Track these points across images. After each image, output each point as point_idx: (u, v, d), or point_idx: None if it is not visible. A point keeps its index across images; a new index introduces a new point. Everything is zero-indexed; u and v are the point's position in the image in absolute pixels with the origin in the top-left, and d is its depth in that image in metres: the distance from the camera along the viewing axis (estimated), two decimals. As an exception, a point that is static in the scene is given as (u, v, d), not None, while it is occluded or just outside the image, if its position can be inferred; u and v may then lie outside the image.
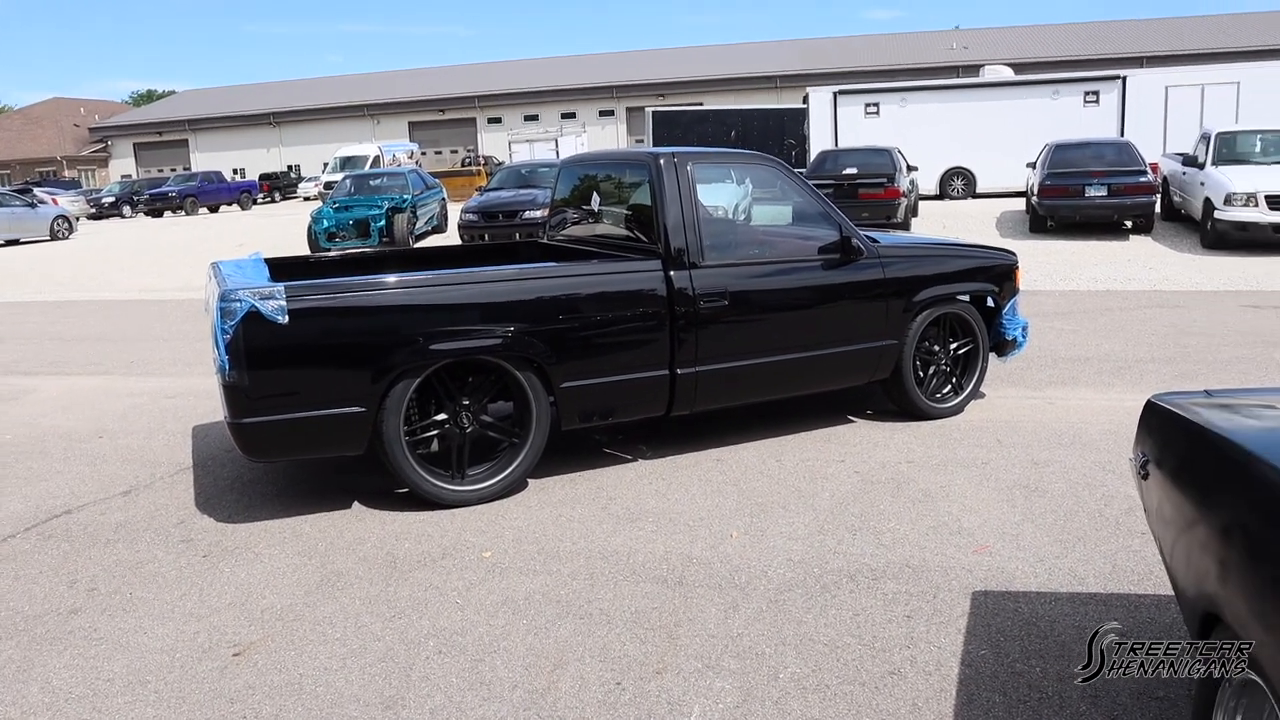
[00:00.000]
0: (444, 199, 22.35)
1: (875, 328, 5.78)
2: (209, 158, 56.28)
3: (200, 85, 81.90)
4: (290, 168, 52.21)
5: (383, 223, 17.85)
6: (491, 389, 4.95)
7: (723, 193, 6.41)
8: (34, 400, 7.88)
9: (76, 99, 69.61)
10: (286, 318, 4.36)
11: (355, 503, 4.97)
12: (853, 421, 6.09)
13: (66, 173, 59.70)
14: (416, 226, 19.24)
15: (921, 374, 6.07)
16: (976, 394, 6.33)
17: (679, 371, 5.17)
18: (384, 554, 4.30)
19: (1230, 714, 2.17)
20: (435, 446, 4.95)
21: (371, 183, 20.29)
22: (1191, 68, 26.16)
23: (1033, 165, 17.29)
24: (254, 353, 4.38)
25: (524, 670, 3.26)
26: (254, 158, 56.05)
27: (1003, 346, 6.42)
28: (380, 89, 58.25)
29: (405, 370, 4.61)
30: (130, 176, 53.20)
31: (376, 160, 36.77)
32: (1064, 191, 15.26)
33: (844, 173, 16.63)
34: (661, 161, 5.33)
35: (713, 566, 4.01)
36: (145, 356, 9.59)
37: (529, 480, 5.11)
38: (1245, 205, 13.06)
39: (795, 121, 29.17)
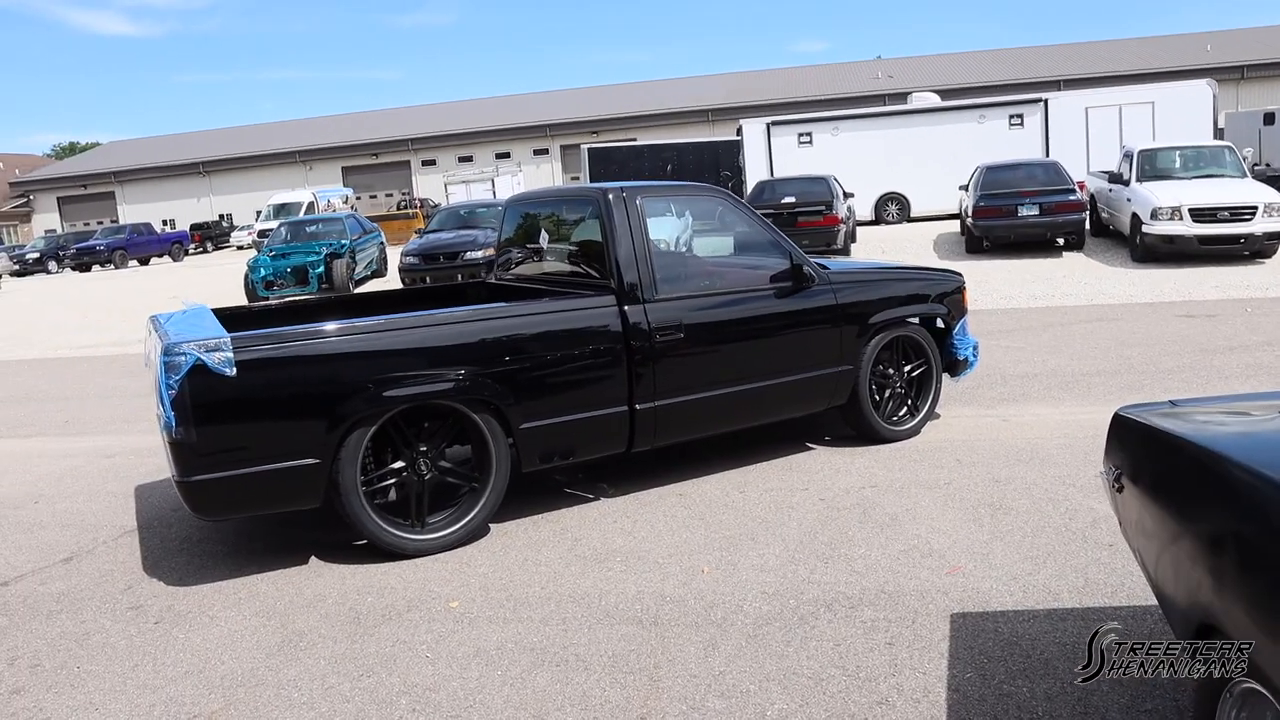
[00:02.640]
0: (383, 243, 22.12)
1: (830, 354, 5.79)
2: (137, 209, 55.11)
3: (126, 136, 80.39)
4: (222, 217, 51.41)
5: (321, 269, 17.60)
6: (449, 434, 4.84)
7: (672, 225, 6.41)
8: (-37, 467, 7.55)
9: (-5, 154, 67.94)
10: (234, 370, 4.22)
11: (312, 557, 4.80)
12: (812, 448, 6.08)
13: (-13, 230, 58.03)
14: (356, 271, 19.01)
15: (877, 398, 6.09)
16: (932, 415, 6.36)
17: (638, 407, 5.11)
18: (346, 610, 4.15)
19: (1231, 725, 2.15)
20: (393, 495, 4.83)
21: (308, 229, 20.01)
22: (1109, 89, 27.02)
23: (965, 188, 17.66)
24: (201, 407, 4.22)
25: (502, 724, 3.15)
26: (184, 208, 55.09)
27: (955, 366, 6.48)
28: (312, 134, 57.76)
29: (360, 418, 4.49)
30: (55, 231, 51.88)
31: (311, 206, 36.37)
32: (998, 212, 15.60)
33: (782, 201, 16.81)
34: (611, 196, 5.30)
35: (687, 604, 3.93)
36: (81, 415, 9.26)
37: (491, 525, 4.99)
38: (1171, 219, 13.46)
39: (730, 153, 29.51)
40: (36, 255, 39.80)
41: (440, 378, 4.65)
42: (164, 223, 50.25)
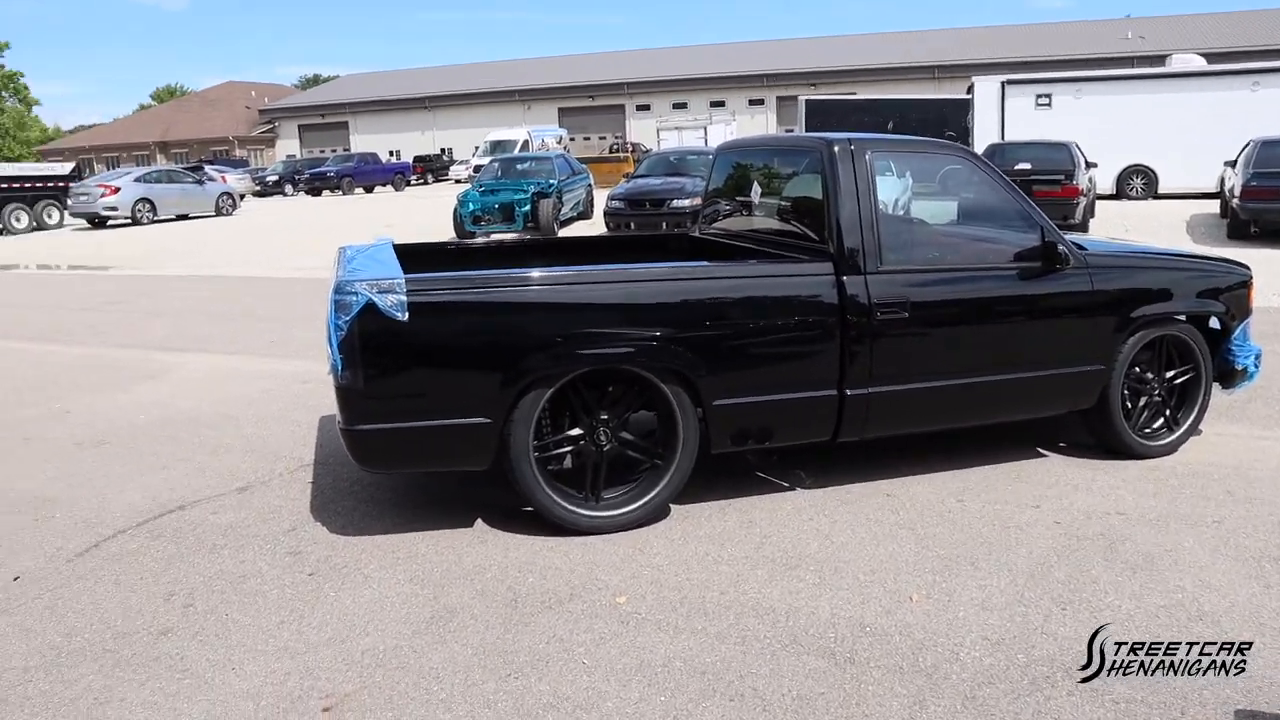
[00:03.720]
0: (590, 185, 22.02)
1: (1080, 349, 4.93)
2: (367, 139, 58.01)
3: (362, 70, 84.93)
4: (443, 150, 53.22)
5: (528, 208, 17.58)
6: (633, 403, 4.37)
7: (901, 186, 5.64)
8: (173, 379, 7.79)
9: (248, 83, 73.28)
10: (406, 314, 3.88)
11: (479, 520, 4.47)
12: (1044, 456, 5.24)
13: (237, 152, 62.69)
14: (562, 212, 18.94)
15: (1129, 405, 5.17)
16: (1194, 431, 5.37)
17: (848, 392, 4.46)
18: (505, 589, 3.77)
19: None
20: (569, 463, 4.42)
21: (519, 167, 20.11)
22: None
23: (1232, 164, 15.63)
24: (370, 352, 3.92)
25: (660, 766, 2.66)
26: (409, 140, 57.46)
27: (1230, 376, 5.44)
28: (532, 75, 58.80)
29: (538, 378, 4.07)
30: (294, 156, 55.39)
31: (525, 145, 36.93)
32: (1273, 194, 13.65)
33: (1016, 168, 15.37)
34: (836, 148, 4.62)
35: (890, 640, 3.31)
36: (286, 337, 9.46)
37: (671, 506, 4.51)
38: None
39: (957, 112, 27.60)
40: (275, 178, 42.52)
41: (629, 340, 4.16)
42: (390, 153, 52.61)
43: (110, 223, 25.49)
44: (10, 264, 18.81)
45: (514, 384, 4.04)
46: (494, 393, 4.03)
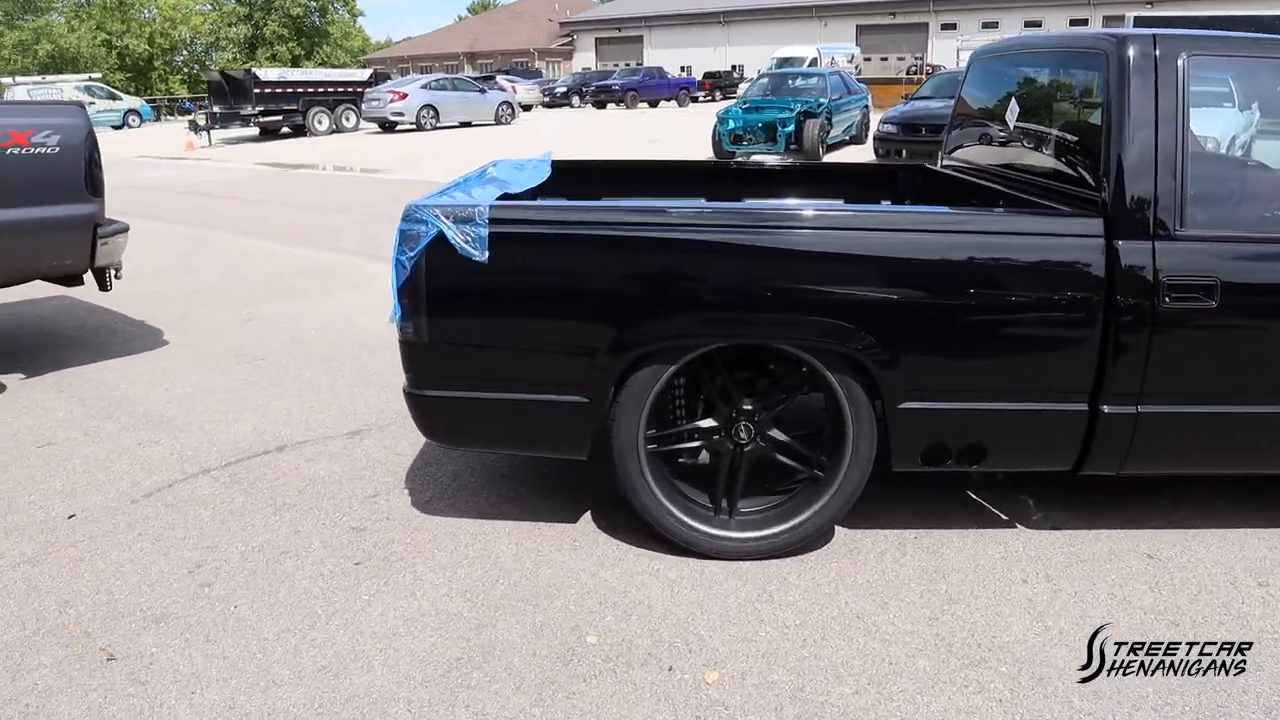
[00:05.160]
0: (867, 106, 20.14)
1: None
2: (660, 54, 57.62)
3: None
4: (733, 67, 51.85)
5: (791, 128, 16.19)
6: (793, 390, 3.25)
7: (1236, 114, 3.98)
8: (370, 290, 7.45)
9: (554, -6, 74.93)
10: (486, 253, 2.96)
11: (587, 515, 3.56)
12: None
13: (536, 63, 64.52)
14: (831, 135, 17.35)
15: None
16: None
17: (1105, 409, 3.07)
18: (569, 629, 2.83)
19: None
20: (705, 458, 3.40)
21: (789, 83, 18.65)
22: None
23: None
24: (438, 297, 3.04)
25: None
26: (701, 56, 56.48)
27: None
28: (831, -11, 55.80)
29: (656, 350, 3.04)
30: (588, 69, 56.05)
31: (814, 62, 34.91)
32: None
33: None
34: (1131, 50, 3.14)
35: (1102, 840, 2.07)
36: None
37: (837, 529, 3.38)
38: None
39: (1335, 35, 22.89)
40: (564, 90, 43.16)
41: (779, 306, 3.01)
42: (681, 69, 52.01)
43: (398, 127, 26.57)
44: (309, 164, 19.87)
45: (621, 354, 3.03)
46: (595, 363, 3.04)
